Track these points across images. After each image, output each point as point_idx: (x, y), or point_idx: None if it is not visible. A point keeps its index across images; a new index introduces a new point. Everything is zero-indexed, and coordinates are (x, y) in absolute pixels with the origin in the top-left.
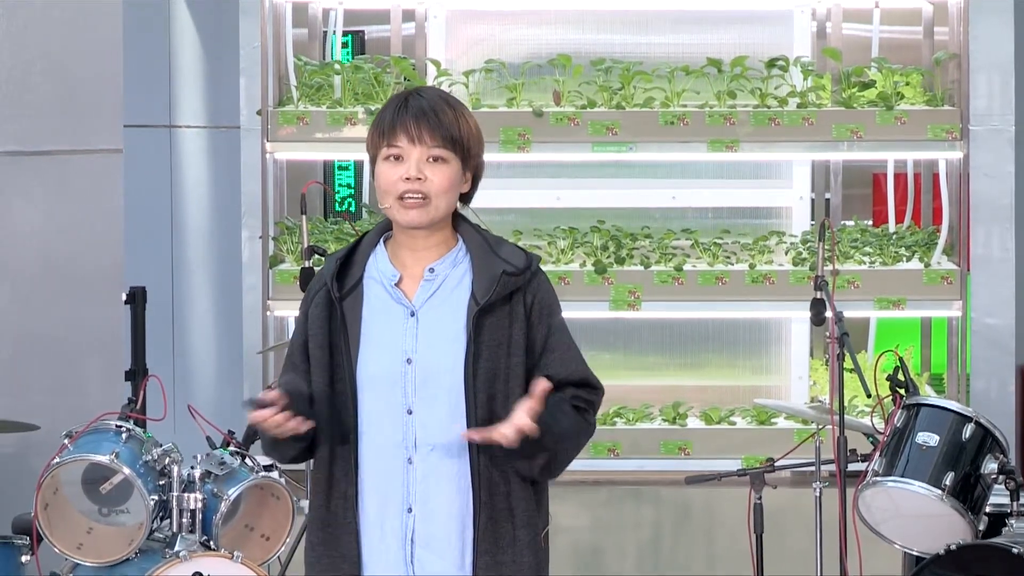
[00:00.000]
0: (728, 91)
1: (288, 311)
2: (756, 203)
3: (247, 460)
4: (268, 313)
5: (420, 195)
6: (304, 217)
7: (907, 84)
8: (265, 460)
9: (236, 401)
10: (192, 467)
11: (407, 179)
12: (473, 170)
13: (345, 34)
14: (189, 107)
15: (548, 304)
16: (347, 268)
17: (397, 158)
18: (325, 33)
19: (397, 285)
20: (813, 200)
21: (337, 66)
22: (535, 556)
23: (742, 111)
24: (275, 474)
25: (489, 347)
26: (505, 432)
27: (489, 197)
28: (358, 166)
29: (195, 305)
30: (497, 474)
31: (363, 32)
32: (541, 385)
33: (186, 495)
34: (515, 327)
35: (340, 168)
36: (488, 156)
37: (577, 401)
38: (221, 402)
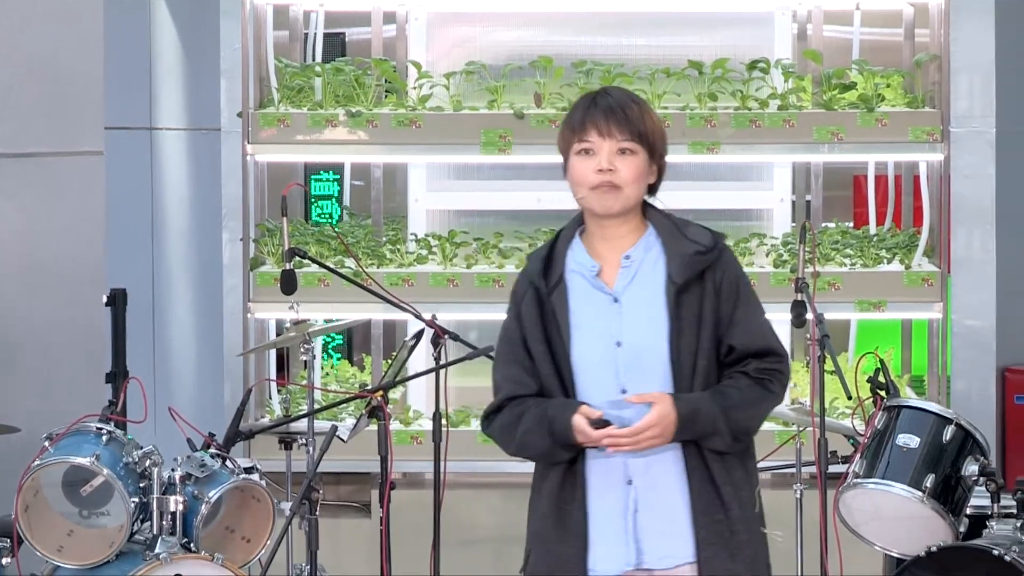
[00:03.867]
0: (709, 93)
1: (269, 313)
2: (737, 205)
3: (227, 462)
4: (249, 315)
5: (612, 184)
6: (285, 219)
7: (888, 86)
8: (246, 462)
9: (216, 403)
10: (173, 469)
11: (599, 171)
12: (658, 163)
13: (326, 36)
14: (170, 109)
15: (735, 279)
16: (549, 265)
17: (588, 152)
18: (306, 35)
19: (598, 275)
20: (794, 202)
21: (318, 68)
22: (742, 511)
23: (723, 113)
24: (255, 476)
25: (688, 324)
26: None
27: (470, 199)
28: (338, 169)
29: (176, 307)
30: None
31: (344, 34)
32: (634, 398)
33: (167, 497)
34: (706, 303)
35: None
36: (469, 158)
37: (760, 373)
38: (202, 404)
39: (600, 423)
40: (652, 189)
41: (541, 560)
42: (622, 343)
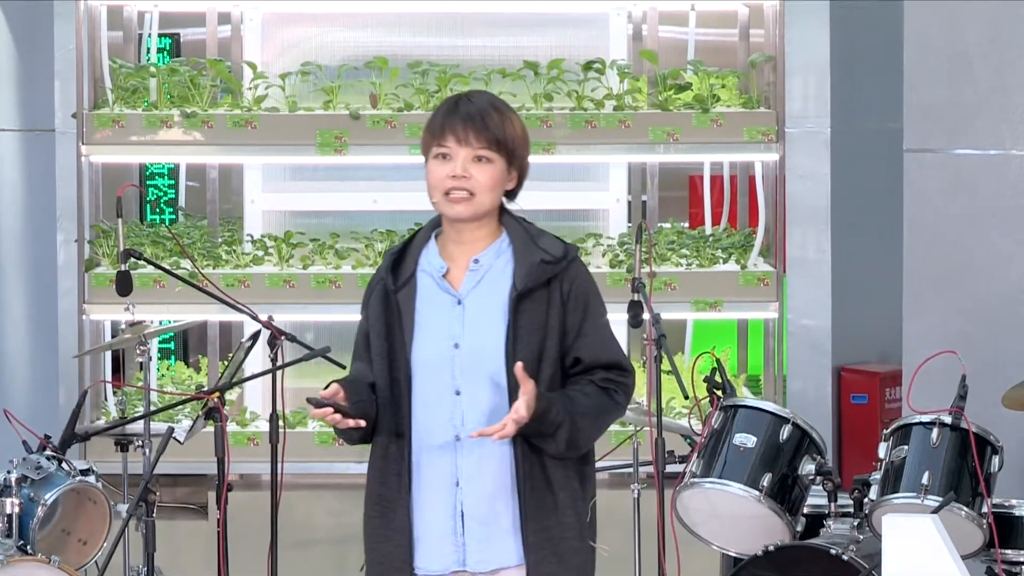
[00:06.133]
0: (545, 94)
1: (104, 315)
2: (573, 205)
3: (64, 464)
4: (84, 317)
5: (465, 191)
6: (120, 220)
7: (723, 87)
8: (82, 464)
9: (52, 405)
10: (8, 471)
11: (453, 176)
12: (519, 169)
13: (161, 37)
14: (3, 111)
15: (584, 292)
16: (401, 263)
17: (445, 157)
18: (140, 36)
19: (444, 276)
20: (630, 202)
21: (153, 68)
22: (578, 519)
23: (559, 114)
24: (92, 478)
25: (527, 331)
26: (505, 431)
27: (306, 200)
28: (174, 170)
29: (10, 309)
30: (534, 447)
31: (179, 35)
32: (518, 369)
33: (2, 500)
34: (552, 312)
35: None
36: (305, 159)
37: (606, 383)
38: (37, 406)
39: (316, 402)
40: (511, 195)
41: (370, 559)
42: (460, 345)
